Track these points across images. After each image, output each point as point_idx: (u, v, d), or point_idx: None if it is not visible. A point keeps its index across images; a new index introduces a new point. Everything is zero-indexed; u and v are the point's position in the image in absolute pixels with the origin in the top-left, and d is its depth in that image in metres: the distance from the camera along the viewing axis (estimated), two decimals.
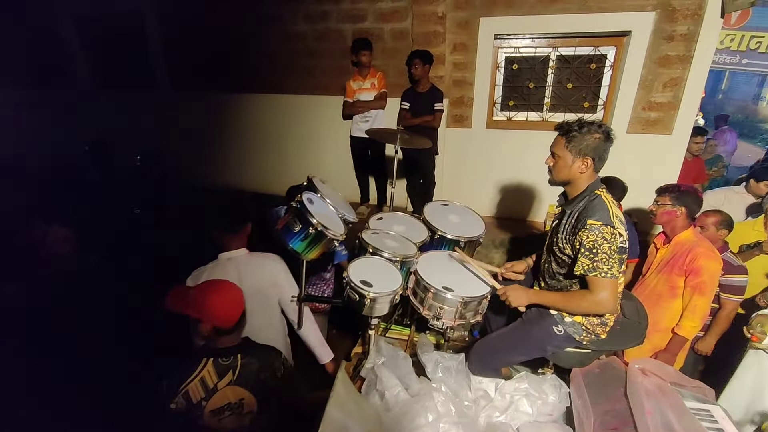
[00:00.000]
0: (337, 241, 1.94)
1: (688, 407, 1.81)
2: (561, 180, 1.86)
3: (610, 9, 3.57)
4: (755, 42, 4.04)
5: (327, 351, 2.16)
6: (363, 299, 1.85)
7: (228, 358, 1.49)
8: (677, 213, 2.46)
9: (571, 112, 4.02)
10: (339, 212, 2.09)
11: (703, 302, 2.41)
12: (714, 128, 7.90)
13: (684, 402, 1.83)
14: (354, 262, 2.06)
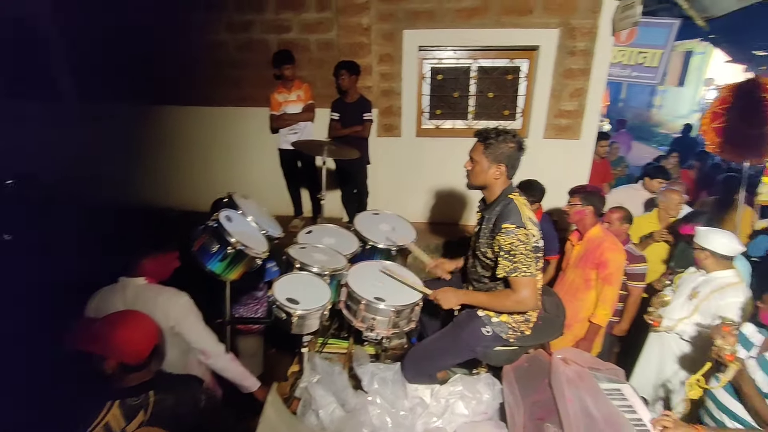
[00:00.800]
0: (260, 259, 1.86)
1: (603, 389, 1.95)
2: (477, 184, 1.94)
3: (521, 25, 3.85)
4: (642, 57, 4.58)
5: (252, 381, 2.00)
6: (290, 317, 1.79)
7: (138, 397, 1.35)
8: (586, 212, 2.68)
9: (493, 119, 4.25)
10: (262, 228, 2.01)
11: (611, 291, 2.63)
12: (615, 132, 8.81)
13: (599, 385, 1.97)
14: (280, 280, 1.99)
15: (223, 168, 4.60)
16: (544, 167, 3.94)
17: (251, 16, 4.06)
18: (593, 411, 1.80)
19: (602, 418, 1.78)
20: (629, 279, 2.94)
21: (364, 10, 3.83)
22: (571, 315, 2.78)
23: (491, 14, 3.82)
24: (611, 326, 3.08)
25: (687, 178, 5.02)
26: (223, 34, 4.17)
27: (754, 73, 4.25)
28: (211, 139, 4.56)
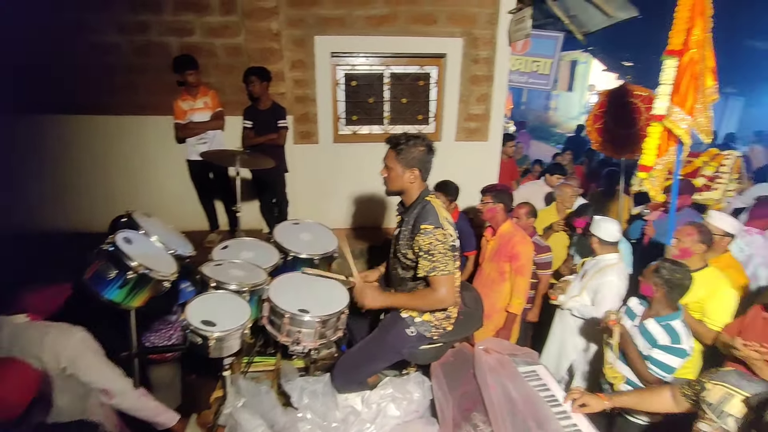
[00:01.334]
0: (168, 282, 1.71)
1: (521, 372, 2.09)
2: (395, 189, 1.99)
3: (428, 34, 4.04)
4: (536, 65, 5.09)
5: (167, 416, 1.84)
6: (207, 341, 1.66)
7: None
8: (497, 209, 2.88)
9: (408, 124, 4.40)
10: (169, 248, 1.85)
11: (524, 282, 2.85)
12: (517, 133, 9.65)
13: (518, 369, 2.12)
14: (193, 302, 1.85)
15: (124, 183, 4.15)
16: (457, 168, 4.17)
17: (145, 17, 3.73)
18: (514, 394, 1.93)
19: (521, 399, 1.91)
20: (538, 268, 3.21)
21: (273, 15, 3.73)
22: (489, 306, 2.97)
23: (399, 23, 3.96)
24: (525, 313, 3.34)
25: (580, 173, 5.65)
26: (114, 35, 3.77)
27: (624, 80, 4.93)
28: (107, 151, 4.08)
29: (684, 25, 2.36)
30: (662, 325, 2.09)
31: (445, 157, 4.15)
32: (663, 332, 2.08)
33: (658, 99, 2.50)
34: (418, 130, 4.38)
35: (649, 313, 2.19)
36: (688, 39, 2.37)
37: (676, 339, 2.04)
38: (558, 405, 1.90)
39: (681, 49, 2.39)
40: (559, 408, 1.88)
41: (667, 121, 2.48)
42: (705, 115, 2.60)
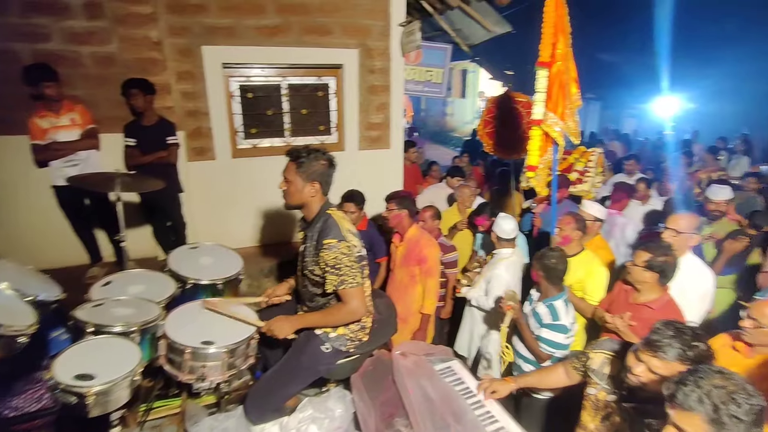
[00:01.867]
0: (24, 336, 1.43)
1: (437, 370, 2.15)
2: (294, 203, 1.94)
3: (323, 45, 4.03)
4: (429, 74, 5.39)
5: None
6: (83, 399, 1.43)
7: None
8: (402, 215, 2.95)
9: (310, 135, 4.33)
10: (26, 294, 1.56)
11: (433, 282, 2.95)
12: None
13: (434, 368, 2.18)
14: (62, 355, 1.58)
15: None
16: (363, 176, 4.22)
17: None
18: (431, 394, 1.98)
19: (439, 397, 1.96)
20: (446, 267, 3.36)
21: (151, 22, 3.41)
22: (405, 310, 3.03)
23: (293, 33, 3.89)
24: (439, 311, 3.48)
25: (477, 174, 6.09)
26: None
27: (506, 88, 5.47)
28: None
29: (550, 39, 2.67)
30: (547, 305, 2.33)
31: (350, 166, 4.26)
32: (547, 312, 2.31)
33: (535, 105, 2.78)
34: (321, 141, 4.35)
35: (540, 297, 2.43)
36: (554, 52, 2.69)
37: (555, 316, 2.28)
38: (473, 396, 1.99)
39: (549, 61, 2.70)
40: (474, 399, 1.97)
41: (544, 125, 2.78)
42: (573, 119, 2.97)
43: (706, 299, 2.51)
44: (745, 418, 1.05)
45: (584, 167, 4.05)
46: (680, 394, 1.12)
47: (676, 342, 1.38)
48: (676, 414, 1.14)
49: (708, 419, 1.07)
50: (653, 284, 2.18)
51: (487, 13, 4.96)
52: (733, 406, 1.06)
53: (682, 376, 1.16)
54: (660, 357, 1.39)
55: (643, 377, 1.44)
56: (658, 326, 1.46)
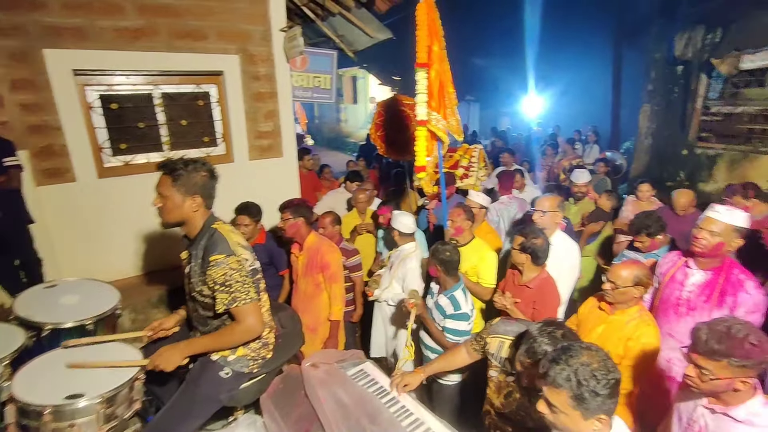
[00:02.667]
0: None
1: (350, 375, 2.13)
2: (173, 221, 1.76)
3: (199, 50, 3.74)
4: (317, 81, 5.37)
5: None
6: None
7: None
8: (299, 224, 2.88)
9: (193, 147, 3.99)
10: None
11: (338, 288, 2.92)
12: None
13: (347, 373, 2.15)
14: None
15: None
16: (257, 187, 4.02)
17: None
18: (345, 399, 1.95)
19: (353, 402, 1.94)
20: (350, 271, 3.36)
21: None
22: (314, 320, 2.96)
23: (162, 37, 3.54)
24: (349, 315, 3.46)
25: (374, 177, 6.23)
26: None
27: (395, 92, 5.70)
28: None
29: (425, 42, 2.80)
30: (448, 297, 2.45)
31: (242, 177, 4.03)
32: (449, 303, 2.44)
33: (418, 106, 2.91)
34: (207, 153, 4.04)
35: (440, 289, 2.55)
36: (430, 55, 2.84)
37: (457, 306, 2.42)
38: (387, 394, 2.02)
39: (426, 63, 2.84)
40: (388, 397, 2.00)
41: (429, 124, 2.93)
42: (454, 117, 3.17)
43: (575, 269, 2.89)
44: (602, 392, 1.19)
45: (468, 163, 4.39)
46: (552, 371, 1.23)
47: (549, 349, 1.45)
48: (547, 390, 1.26)
49: (572, 395, 1.19)
50: (529, 265, 2.45)
51: (368, 20, 5.11)
52: (593, 382, 1.18)
53: (554, 354, 1.27)
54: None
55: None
56: (534, 335, 1.54)
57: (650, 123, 7.55)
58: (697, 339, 1.43)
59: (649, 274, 2.12)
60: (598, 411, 1.20)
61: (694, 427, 1.57)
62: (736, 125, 6.25)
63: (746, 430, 1.41)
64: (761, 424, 1.39)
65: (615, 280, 2.11)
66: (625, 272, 2.08)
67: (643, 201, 4.16)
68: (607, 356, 1.28)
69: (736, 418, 1.43)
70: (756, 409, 1.41)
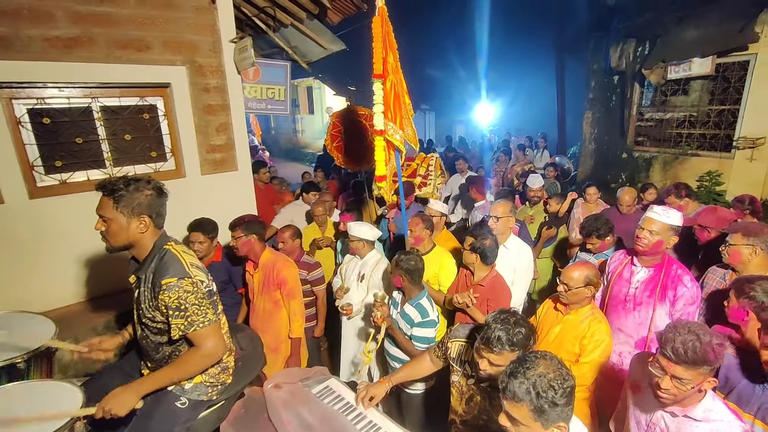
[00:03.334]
0: None
1: (315, 393, 2.07)
2: (120, 245, 1.64)
3: (142, 61, 3.56)
4: (271, 92, 5.26)
5: None
6: None
7: None
8: (252, 240, 2.79)
9: (140, 163, 3.78)
10: None
11: (297, 304, 2.85)
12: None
13: (311, 392, 2.07)
14: None
15: None
16: (212, 203, 3.88)
17: None
18: (309, 420, 1.89)
19: (318, 421, 1.89)
20: (312, 285, 3.29)
21: None
22: (274, 339, 2.87)
23: (99, 48, 3.34)
24: (312, 330, 3.38)
25: (333, 188, 6.18)
26: None
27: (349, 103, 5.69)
28: None
29: (381, 54, 2.85)
30: (414, 305, 2.46)
31: (195, 193, 3.86)
32: (415, 311, 2.45)
33: (376, 116, 2.93)
34: (155, 168, 3.84)
35: (405, 299, 2.55)
36: (385, 66, 2.89)
37: (424, 313, 2.44)
38: (354, 410, 1.97)
39: (383, 74, 2.88)
40: (354, 413, 1.95)
41: (387, 134, 2.95)
42: (411, 127, 3.23)
43: (529, 270, 3.00)
44: (560, 402, 1.23)
45: (426, 171, 4.47)
46: (511, 386, 1.26)
47: (503, 334, 1.57)
48: (507, 404, 1.29)
49: (532, 407, 1.22)
50: (479, 264, 2.53)
51: (321, 32, 5.10)
52: (551, 392, 1.22)
53: (512, 368, 1.31)
54: (495, 351, 1.58)
55: (488, 370, 1.62)
56: (489, 322, 1.65)
57: (593, 129, 8.05)
58: (674, 351, 1.43)
59: (597, 274, 2.24)
60: (558, 419, 1.24)
61: (654, 430, 1.63)
62: (667, 130, 6.80)
63: (705, 427, 1.48)
64: (716, 418, 1.47)
65: (567, 282, 2.20)
66: (576, 273, 2.18)
67: (590, 203, 4.40)
68: (561, 363, 1.32)
69: (695, 417, 1.49)
70: (710, 406, 1.49)
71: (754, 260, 2.23)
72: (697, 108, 6.37)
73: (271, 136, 19.68)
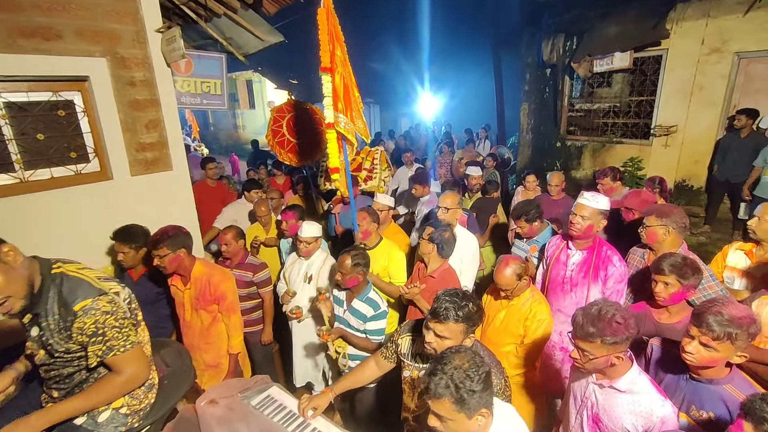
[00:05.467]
0: None
1: (255, 405, 1.96)
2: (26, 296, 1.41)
3: (52, 52, 3.20)
4: (206, 86, 4.94)
5: None
6: None
7: None
8: (181, 256, 2.53)
9: (57, 165, 3.41)
10: None
11: (237, 318, 2.67)
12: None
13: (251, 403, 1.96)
14: None
15: None
16: (145, 206, 3.60)
17: None
18: None
19: None
20: (259, 287, 3.18)
21: None
22: (215, 356, 2.68)
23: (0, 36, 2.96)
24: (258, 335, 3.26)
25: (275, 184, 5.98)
26: None
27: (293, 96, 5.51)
28: None
29: (327, 46, 2.75)
30: (364, 300, 2.46)
31: (125, 196, 3.56)
32: (366, 306, 2.44)
33: (326, 109, 2.83)
34: (77, 170, 3.49)
35: (352, 296, 2.52)
36: (333, 59, 2.79)
37: (376, 306, 2.45)
38: (296, 418, 1.90)
39: (330, 67, 2.78)
40: (297, 422, 1.88)
41: (338, 126, 2.88)
42: (361, 119, 3.17)
43: (476, 258, 3.10)
44: (478, 388, 1.27)
45: (371, 165, 4.45)
46: (432, 384, 1.28)
47: (450, 306, 1.62)
48: (432, 403, 1.31)
49: (453, 400, 1.25)
50: (435, 255, 2.58)
51: (257, 23, 4.87)
52: (468, 382, 1.26)
53: (431, 367, 1.33)
54: (441, 321, 1.61)
55: (433, 343, 1.65)
56: (438, 296, 1.69)
57: (529, 120, 8.47)
58: (575, 324, 1.60)
59: (522, 263, 2.37)
60: (479, 406, 1.28)
61: (587, 403, 1.75)
62: (594, 120, 7.31)
63: (628, 398, 1.60)
64: (639, 391, 1.59)
65: (503, 285, 2.32)
66: (507, 272, 2.30)
67: (529, 191, 4.64)
68: (474, 353, 1.38)
69: (619, 389, 1.62)
70: (634, 378, 1.61)
71: (668, 239, 2.46)
72: (619, 99, 6.90)
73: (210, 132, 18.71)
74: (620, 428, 1.62)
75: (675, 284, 1.99)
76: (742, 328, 1.47)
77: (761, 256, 2.45)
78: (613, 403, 1.64)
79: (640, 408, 1.56)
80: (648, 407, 1.56)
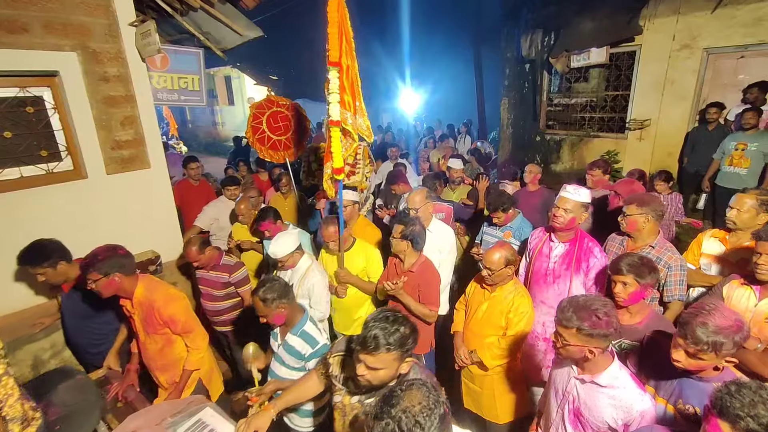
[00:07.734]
0: None
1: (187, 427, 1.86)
2: None
3: (18, 46, 3.07)
4: (183, 82, 4.80)
5: None
6: None
7: None
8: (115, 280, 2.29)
9: (27, 164, 3.29)
10: None
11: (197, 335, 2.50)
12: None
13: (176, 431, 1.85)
14: None
15: None
16: (122, 205, 3.53)
17: None
18: None
19: None
20: (236, 287, 3.13)
21: None
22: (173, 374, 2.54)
23: None
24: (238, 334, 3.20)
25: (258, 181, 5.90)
26: None
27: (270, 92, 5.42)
28: None
29: (336, 39, 2.67)
30: (298, 335, 2.20)
31: (100, 195, 3.47)
32: (301, 341, 2.20)
33: (331, 106, 2.74)
34: (49, 169, 3.37)
35: (285, 329, 2.27)
36: (341, 52, 2.70)
37: (313, 342, 2.19)
38: None
39: (338, 62, 2.70)
40: None
41: (345, 124, 2.81)
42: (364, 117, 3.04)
43: (453, 250, 3.15)
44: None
45: (354, 160, 4.43)
46: (377, 429, 1.09)
47: (380, 333, 1.43)
48: None
49: None
50: (410, 251, 2.59)
51: (235, 17, 4.77)
52: (417, 429, 1.05)
53: (376, 409, 1.14)
54: (371, 353, 1.43)
55: (366, 376, 1.48)
56: (366, 321, 1.51)
57: (509, 114, 8.57)
58: (558, 309, 1.63)
59: (514, 253, 2.42)
60: None
61: (568, 397, 1.77)
62: (572, 114, 7.45)
63: (609, 392, 1.63)
64: (620, 385, 1.62)
65: (490, 267, 2.35)
66: (496, 256, 2.33)
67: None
68: (429, 389, 1.15)
69: (600, 384, 1.64)
70: (615, 374, 1.63)
71: (647, 227, 2.53)
72: (596, 94, 7.05)
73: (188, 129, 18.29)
74: (601, 422, 1.64)
75: (633, 284, 1.99)
76: (728, 338, 1.43)
77: (734, 243, 2.55)
78: (595, 397, 1.66)
79: (621, 402, 1.59)
80: (628, 401, 1.57)
